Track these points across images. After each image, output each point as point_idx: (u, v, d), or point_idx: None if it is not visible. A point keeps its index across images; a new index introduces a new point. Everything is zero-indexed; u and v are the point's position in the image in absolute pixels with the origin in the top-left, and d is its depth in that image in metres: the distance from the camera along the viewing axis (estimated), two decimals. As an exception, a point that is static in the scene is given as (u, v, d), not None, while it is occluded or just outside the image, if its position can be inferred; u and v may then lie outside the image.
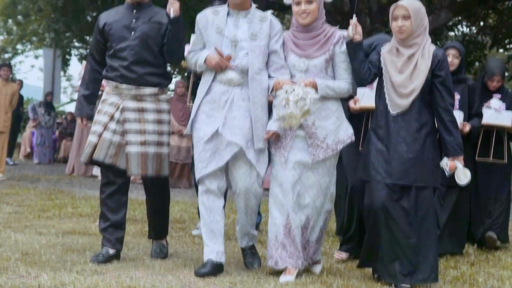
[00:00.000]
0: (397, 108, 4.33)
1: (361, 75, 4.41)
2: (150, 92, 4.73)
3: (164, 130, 4.79)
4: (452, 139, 4.29)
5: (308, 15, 4.37)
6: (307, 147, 4.39)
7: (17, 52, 30.53)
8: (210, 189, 4.44)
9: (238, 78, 4.43)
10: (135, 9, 4.78)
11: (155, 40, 4.70)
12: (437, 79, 4.31)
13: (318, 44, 4.42)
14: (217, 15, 4.50)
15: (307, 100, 4.16)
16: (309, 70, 4.42)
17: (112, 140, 4.66)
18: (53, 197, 8.50)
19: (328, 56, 4.42)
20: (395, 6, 4.34)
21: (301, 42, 4.45)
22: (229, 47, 4.45)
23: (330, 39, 4.43)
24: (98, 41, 4.84)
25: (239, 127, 4.36)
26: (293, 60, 4.45)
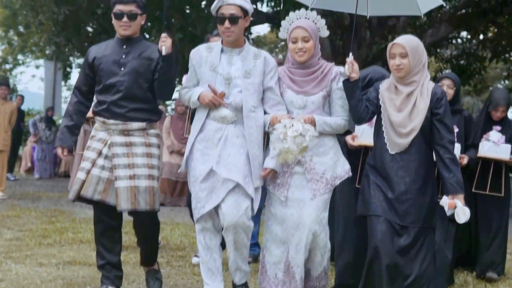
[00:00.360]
0: (396, 148, 4.29)
1: (358, 113, 4.34)
2: (137, 127, 4.66)
3: (154, 164, 4.69)
4: (452, 177, 4.21)
5: (304, 53, 4.37)
6: (305, 183, 4.36)
7: (18, 63, 30.59)
8: (207, 227, 4.42)
9: (232, 115, 4.39)
10: (125, 44, 4.73)
11: (145, 76, 4.65)
12: (436, 116, 4.26)
13: (315, 80, 4.41)
14: (210, 52, 4.47)
15: (306, 137, 4.13)
16: (306, 106, 4.40)
17: (101, 176, 4.60)
18: (53, 220, 8.52)
19: (326, 93, 4.41)
20: (392, 44, 4.31)
21: (298, 78, 4.44)
22: (223, 85, 4.41)
23: (327, 76, 4.41)
24: (87, 75, 4.78)
25: (234, 163, 4.32)
26: (291, 96, 4.43)
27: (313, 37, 4.38)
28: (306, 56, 4.39)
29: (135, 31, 4.73)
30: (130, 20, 4.66)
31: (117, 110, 4.63)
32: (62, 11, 16.23)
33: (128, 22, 4.66)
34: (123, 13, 4.65)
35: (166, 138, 11.00)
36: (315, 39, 4.40)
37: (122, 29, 4.69)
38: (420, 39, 14.81)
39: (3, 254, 6.07)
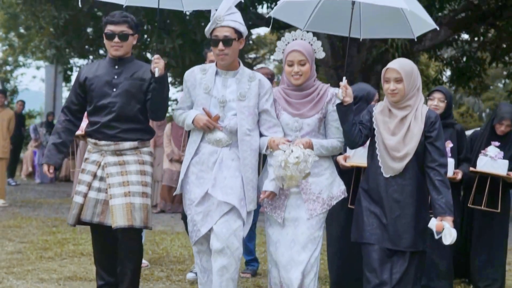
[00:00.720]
0: (391, 171, 4.25)
1: (352, 137, 4.31)
2: (129, 146, 4.66)
3: (147, 182, 4.69)
4: (440, 198, 4.15)
5: (301, 77, 4.35)
6: (301, 202, 4.35)
7: (19, 65, 30.61)
8: (203, 250, 4.42)
9: (227, 138, 4.36)
10: (117, 64, 4.72)
11: (138, 97, 4.66)
12: (428, 139, 4.23)
13: (311, 103, 4.38)
14: (205, 74, 4.43)
15: (308, 163, 4.11)
16: (302, 129, 4.37)
17: (98, 198, 4.62)
18: (54, 230, 8.57)
19: (321, 115, 4.38)
20: (387, 68, 4.28)
21: (294, 101, 4.41)
22: (217, 108, 4.38)
23: (323, 98, 4.39)
24: (78, 94, 4.76)
25: (230, 186, 4.28)
26: (286, 119, 4.39)
27: (309, 60, 4.36)
28: (302, 79, 4.36)
29: (126, 51, 4.72)
30: (122, 41, 4.65)
31: (109, 131, 4.63)
32: (62, 15, 16.28)
33: (119, 43, 4.65)
34: (114, 34, 4.64)
35: (167, 146, 11.04)
36: (311, 61, 4.38)
37: (113, 49, 4.68)
38: (420, 42, 14.74)
39: (4, 269, 6.11)
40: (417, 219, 4.23)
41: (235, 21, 4.36)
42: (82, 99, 4.75)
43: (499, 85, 35.00)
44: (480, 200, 5.83)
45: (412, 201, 4.22)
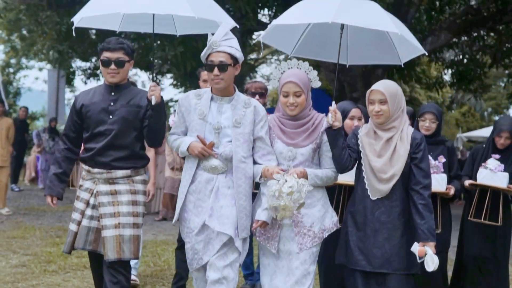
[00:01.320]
0: (378, 193, 4.22)
1: (342, 162, 4.27)
2: (122, 175, 4.64)
3: (139, 212, 4.67)
4: (423, 223, 4.10)
5: (296, 108, 4.31)
6: (293, 235, 4.31)
7: (21, 67, 30.71)
8: (200, 277, 4.44)
9: (222, 166, 4.32)
10: (113, 91, 4.71)
11: (134, 124, 4.65)
12: (413, 161, 4.21)
13: (306, 133, 4.34)
14: (200, 99, 4.40)
15: (302, 193, 4.04)
16: (296, 158, 4.33)
17: (90, 226, 4.63)
18: (58, 241, 8.68)
19: (316, 145, 4.34)
20: (371, 90, 4.27)
21: (288, 130, 4.36)
22: (212, 134, 4.34)
23: (318, 128, 4.35)
24: (75, 122, 4.75)
25: (227, 216, 4.27)
26: (280, 148, 4.35)
27: (305, 91, 4.31)
28: (298, 110, 4.32)
29: (123, 77, 4.72)
30: (118, 68, 4.64)
31: (102, 159, 4.62)
32: (65, 21, 16.39)
33: (115, 70, 4.64)
34: (110, 60, 4.63)
35: (168, 154, 11.13)
36: (306, 92, 4.33)
37: (109, 76, 4.67)
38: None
39: (9, 284, 6.24)
40: (406, 241, 4.18)
41: (231, 47, 4.34)
42: (79, 126, 4.74)
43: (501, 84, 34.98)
44: (481, 213, 5.75)
45: (400, 223, 4.20)
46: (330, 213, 4.42)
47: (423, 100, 32.67)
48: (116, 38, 4.69)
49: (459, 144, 26.14)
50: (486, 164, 5.75)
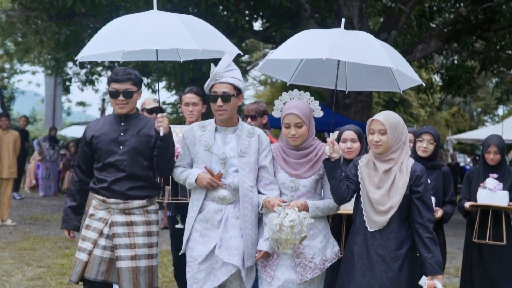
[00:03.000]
0: (375, 225, 4.18)
1: (339, 194, 4.21)
2: (138, 205, 4.62)
3: (153, 242, 4.66)
4: (431, 257, 4.08)
5: (298, 138, 4.29)
6: (294, 265, 4.27)
7: (16, 72, 30.92)
8: None
9: (231, 196, 4.33)
10: (123, 121, 4.68)
11: (145, 154, 4.63)
12: (415, 194, 4.15)
13: (309, 164, 4.31)
14: (204, 131, 4.41)
15: (303, 227, 4.02)
16: (298, 189, 4.31)
17: (103, 256, 4.57)
18: (67, 253, 9.03)
19: (318, 177, 4.32)
20: (372, 120, 4.25)
21: (291, 160, 4.34)
22: (219, 164, 4.35)
23: (321, 158, 4.31)
24: (85, 153, 4.74)
25: (236, 247, 4.26)
26: (282, 178, 4.33)
27: (306, 122, 4.28)
28: (299, 141, 4.30)
29: (131, 108, 4.70)
30: (126, 99, 4.62)
31: (118, 189, 4.58)
32: (63, 31, 16.70)
33: (124, 101, 4.62)
34: (118, 92, 4.61)
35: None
36: (308, 123, 4.30)
37: (118, 107, 4.65)
38: (411, 54, 15.26)
39: (29, 297, 6.57)
40: (403, 274, 4.15)
41: (234, 78, 4.38)
42: (90, 157, 4.73)
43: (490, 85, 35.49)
44: (485, 234, 5.72)
45: (397, 256, 4.15)
46: (331, 243, 4.40)
47: (413, 101, 33.17)
48: (124, 69, 4.68)
49: (449, 146, 26.52)
50: (485, 184, 5.75)
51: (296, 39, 4.81)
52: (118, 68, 4.70)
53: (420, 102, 34.63)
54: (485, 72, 18.25)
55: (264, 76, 31.93)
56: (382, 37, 15.73)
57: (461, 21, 16.41)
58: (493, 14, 15.18)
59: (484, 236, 5.72)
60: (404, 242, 4.18)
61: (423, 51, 16.19)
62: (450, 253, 8.52)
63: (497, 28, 15.81)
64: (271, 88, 33.67)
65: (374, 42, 4.75)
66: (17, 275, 7.59)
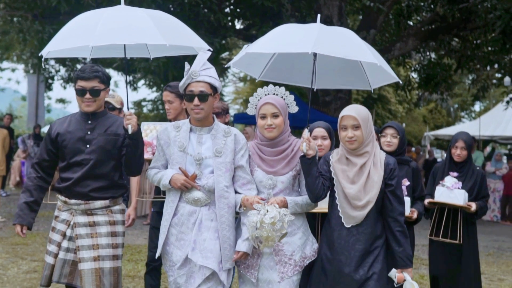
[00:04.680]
0: (352, 221, 4.13)
1: (315, 191, 4.14)
2: (100, 206, 4.52)
3: (119, 243, 4.56)
4: (401, 250, 4.11)
5: (274, 129, 4.24)
6: (273, 264, 4.23)
7: (-3, 69, 30.97)
8: None
9: (205, 198, 4.25)
10: (90, 119, 4.57)
11: (112, 153, 4.54)
12: (388, 188, 4.15)
13: (285, 160, 4.27)
14: (179, 131, 4.34)
15: (284, 223, 3.98)
16: (276, 186, 4.26)
17: (66, 259, 4.48)
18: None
19: (296, 172, 4.28)
20: (343, 116, 4.18)
21: (267, 157, 4.29)
22: (194, 165, 4.27)
23: (297, 154, 4.27)
24: (49, 150, 4.57)
25: (210, 250, 4.19)
26: (260, 176, 4.28)
27: (282, 113, 4.26)
28: (276, 132, 4.25)
29: (99, 106, 4.58)
30: (93, 97, 4.51)
31: (79, 189, 4.47)
32: (46, 30, 16.85)
33: (91, 99, 4.50)
34: (85, 90, 4.48)
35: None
36: (284, 115, 4.28)
37: (84, 105, 4.53)
38: (389, 52, 15.58)
39: (27, 289, 6.84)
40: (377, 269, 4.14)
41: (211, 77, 4.30)
42: (53, 155, 4.58)
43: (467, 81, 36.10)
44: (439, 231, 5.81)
45: (373, 249, 4.15)
46: (310, 241, 4.36)
47: (391, 98, 33.67)
48: (91, 66, 4.54)
49: (426, 142, 27.01)
50: (444, 182, 5.78)
51: (276, 33, 4.76)
52: (84, 65, 4.55)
53: (398, 98, 35.18)
54: (461, 70, 18.65)
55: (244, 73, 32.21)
56: (361, 35, 15.87)
57: (438, 20, 16.82)
58: (469, 14, 15.61)
59: (440, 233, 5.78)
60: (380, 237, 4.18)
61: (401, 49, 16.55)
62: (425, 245, 8.73)
63: (473, 27, 16.22)
64: (250, 85, 33.98)
65: (356, 38, 4.73)
66: (12, 268, 7.86)
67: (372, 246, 4.14)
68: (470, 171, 5.96)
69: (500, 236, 13.18)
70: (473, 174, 5.94)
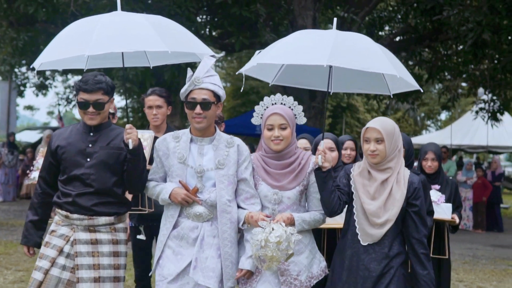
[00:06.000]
0: (369, 239, 3.92)
1: (331, 206, 3.97)
2: (104, 222, 4.20)
3: (121, 264, 4.25)
4: (426, 274, 3.90)
5: (281, 141, 4.01)
6: (278, 281, 3.98)
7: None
8: None
9: (208, 213, 4.02)
10: (92, 131, 4.27)
11: (114, 168, 4.22)
12: (412, 208, 3.94)
13: (292, 174, 4.03)
14: (178, 142, 4.09)
15: (290, 243, 3.72)
16: (282, 202, 4.03)
17: (61, 277, 4.11)
18: (42, 256, 9.24)
19: (303, 187, 4.04)
20: (367, 128, 3.97)
21: (273, 171, 4.06)
22: (195, 178, 4.03)
23: (304, 168, 4.05)
24: (50, 163, 4.32)
25: (212, 268, 3.95)
26: (265, 190, 4.04)
27: (291, 125, 4.03)
28: (283, 144, 4.02)
29: (103, 118, 4.30)
30: (97, 110, 4.21)
31: (83, 203, 4.17)
32: (21, 37, 16.80)
33: (95, 112, 4.21)
34: (88, 103, 4.19)
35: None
36: (292, 126, 4.05)
37: (87, 118, 4.24)
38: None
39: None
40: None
41: (215, 84, 4.07)
42: (55, 168, 4.31)
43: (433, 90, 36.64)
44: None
45: (389, 271, 3.93)
46: (318, 259, 4.13)
47: (359, 106, 34.07)
48: (94, 76, 4.20)
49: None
50: None
51: (289, 41, 4.51)
52: (87, 75, 4.23)
53: (366, 107, 35.61)
54: (432, 80, 18.96)
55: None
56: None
57: (410, 31, 17.14)
58: (441, 25, 15.91)
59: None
60: (397, 256, 3.97)
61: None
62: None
63: (445, 38, 16.55)
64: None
65: (374, 46, 4.45)
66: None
67: (388, 266, 3.92)
68: (445, 182, 5.85)
69: (473, 244, 13.43)
70: (447, 185, 5.84)
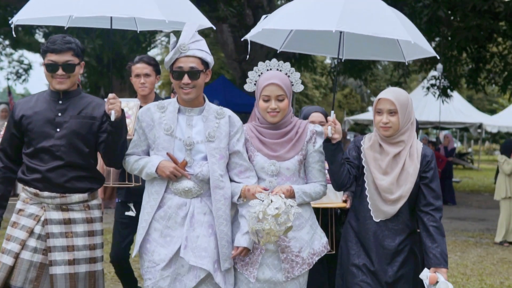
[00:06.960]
0: (382, 215, 3.79)
1: (340, 179, 3.79)
2: (78, 200, 3.93)
3: (97, 243, 4.01)
4: (435, 247, 3.71)
5: (278, 113, 3.78)
6: (278, 262, 3.77)
7: None
8: None
9: (197, 188, 3.75)
10: (61, 99, 3.96)
11: (86, 139, 3.93)
12: (424, 180, 3.79)
13: (290, 143, 3.81)
14: (164, 112, 3.80)
15: (290, 215, 3.47)
16: (280, 173, 3.80)
17: (33, 261, 3.85)
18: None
19: (302, 157, 3.82)
20: (379, 99, 3.80)
21: (269, 140, 3.83)
22: (183, 151, 3.76)
23: (302, 137, 3.83)
24: (13, 135, 3.98)
25: (204, 248, 3.69)
26: (261, 162, 3.81)
27: (288, 95, 3.79)
28: (280, 116, 3.79)
29: (73, 83, 3.98)
30: (67, 73, 3.90)
31: (55, 180, 3.88)
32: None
33: (64, 75, 3.90)
34: (57, 65, 3.87)
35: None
36: (289, 96, 3.81)
37: (56, 82, 3.92)
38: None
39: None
40: (408, 269, 3.86)
41: (202, 50, 3.78)
42: (19, 141, 3.99)
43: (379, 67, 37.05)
44: None
45: (404, 248, 3.83)
46: (319, 234, 3.92)
47: (308, 83, 34.19)
48: (63, 36, 3.92)
49: (345, 127, 27.57)
50: None
51: (296, 5, 4.32)
52: (55, 36, 3.94)
53: (314, 83, 35.82)
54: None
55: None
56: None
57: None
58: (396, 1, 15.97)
59: None
60: (413, 234, 3.88)
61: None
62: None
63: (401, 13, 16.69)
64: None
65: (387, 10, 4.23)
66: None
67: (402, 244, 3.82)
68: None
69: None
70: None
